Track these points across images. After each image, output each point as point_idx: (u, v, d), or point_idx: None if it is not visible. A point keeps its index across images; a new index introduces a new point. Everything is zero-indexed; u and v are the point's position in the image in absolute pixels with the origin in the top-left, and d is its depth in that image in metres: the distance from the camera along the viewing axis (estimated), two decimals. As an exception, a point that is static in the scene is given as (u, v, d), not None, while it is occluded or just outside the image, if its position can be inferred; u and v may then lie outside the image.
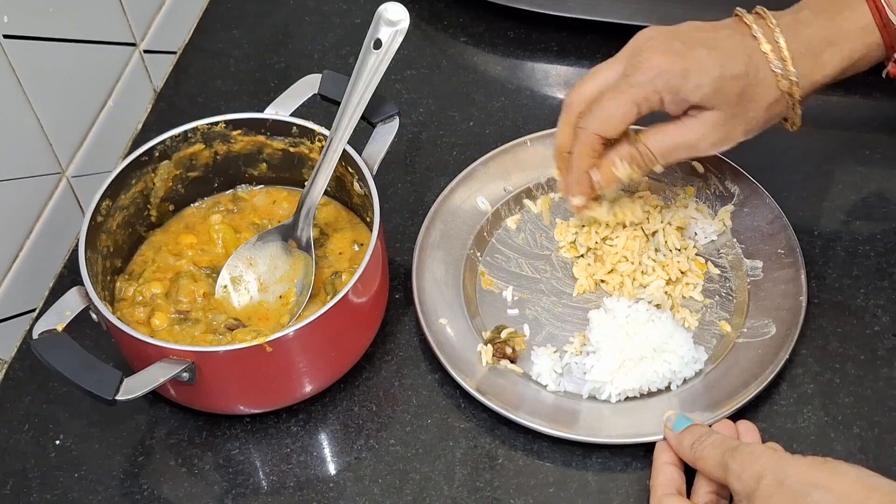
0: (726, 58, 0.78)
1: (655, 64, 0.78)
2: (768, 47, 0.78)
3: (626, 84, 0.79)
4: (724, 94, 0.78)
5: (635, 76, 0.79)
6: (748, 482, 0.68)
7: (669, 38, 0.80)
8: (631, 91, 0.79)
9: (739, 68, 0.78)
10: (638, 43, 0.81)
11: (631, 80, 0.79)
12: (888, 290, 0.87)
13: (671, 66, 0.78)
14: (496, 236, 0.93)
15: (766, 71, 0.79)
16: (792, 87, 0.79)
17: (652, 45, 0.80)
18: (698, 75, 0.78)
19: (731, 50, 0.79)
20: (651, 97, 0.79)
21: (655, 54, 0.79)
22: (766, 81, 0.79)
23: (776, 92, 0.79)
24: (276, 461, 0.82)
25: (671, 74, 0.78)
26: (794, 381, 0.83)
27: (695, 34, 0.80)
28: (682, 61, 0.78)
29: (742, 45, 0.79)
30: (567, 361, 0.84)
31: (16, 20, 0.84)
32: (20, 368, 0.88)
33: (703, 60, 0.78)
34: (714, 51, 0.78)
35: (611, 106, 0.79)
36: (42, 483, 0.81)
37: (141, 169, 0.86)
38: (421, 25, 1.09)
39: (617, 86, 0.80)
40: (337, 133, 0.83)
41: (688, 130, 0.80)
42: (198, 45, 1.10)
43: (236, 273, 0.86)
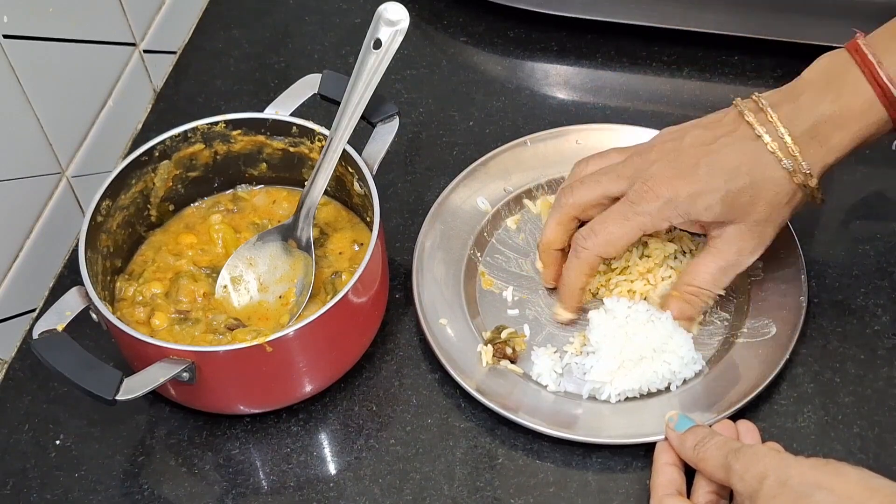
0: (729, 173, 0.78)
1: (661, 193, 0.79)
2: (775, 145, 0.77)
3: (633, 212, 0.80)
4: (735, 207, 0.78)
5: (641, 204, 0.79)
6: (751, 483, 0.68)
7: (670, 162, 0.80)
8: (637, 219, 0.80)
9: (743, 179, 0.78)
10: (640, 164, 0.81)
11: (637, 208, 0.79)
12: (888, 289, 0.87)
13: (676, 195, 0.78)
14: (496, 236, 0.93)
15: (777, 170, 0.78)
16: (806, 179, 0.78)
17: (656, 171, 0.79)
18: (705, 197, 0.78)
19: (734, 162, 0.78)
20: (659, 224, 0.80)
21: (660, 182, 0.79)
22: (777, 181, 0.78)
23: (791, 187, 0.79)
24: (276, 461, 0.82)
25: (679, 202, 0.79)
26: (794, 380, 0.83)
27: (696, 151, 0.79)
28: (687, 186, 0.78)
29: (744, 151, 0.78)
30: (567, 362, 0.84)
31: (16, 20, 0.84)
32: (20, 368, 0.88)
33: (707, 181, 0.78)
34: (715, 168, 0.78)
35: (616, 232, 0.80)
36: (42, 483, 0.81)
37: (141, 169, 0.86)
38: (421, 25, 1.09)
39: (623, 212, 0.80)
40: (337, 133, 0.83)
41: (722, 254, 0.81)
42: (198, 45, 1.10)
43: (236, 273, 0.86)
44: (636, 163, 0.81)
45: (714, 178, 0.78)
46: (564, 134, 0.97)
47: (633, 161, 0.82)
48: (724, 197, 0.78)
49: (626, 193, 0.81)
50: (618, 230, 0.80)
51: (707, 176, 0.78)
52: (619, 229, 0.80)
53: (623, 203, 0.81)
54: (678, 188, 0.79)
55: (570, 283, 0.84)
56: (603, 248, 0.81)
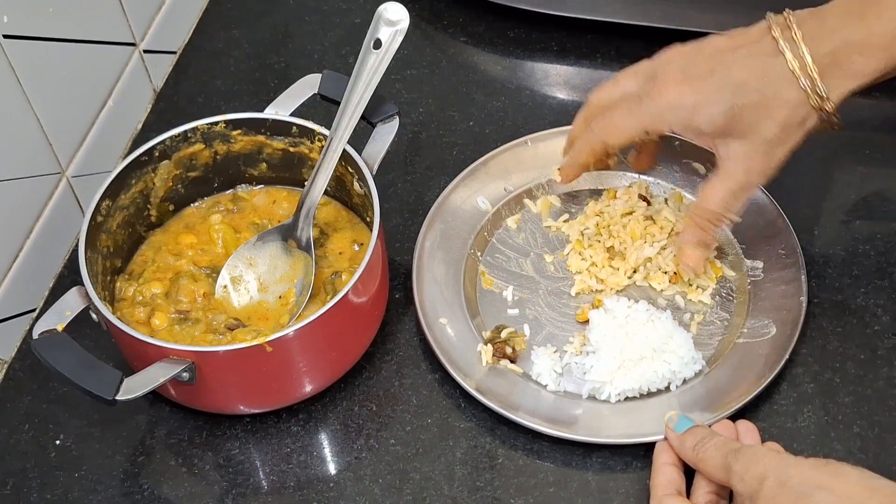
0: (738, 87, 0.76)
1: (666, 96, 0.78)
2: (795, 64, 0.75)
3: (639, 108, 0.80)
4: (740, 123, 0.77)
5: (648, 104, 0.79)
6: (751, 483, 0.68)
7: (686, 64, 0.79)
8: (641, 116, 0.80)
9: (752, 96, 0.76)
10: (658, 63, 0.81)
11: (642, 105, 0.79)
12: (888, 289, 0.87)
13: (680, 101, 0.78)
14: (496, 236, 0.93)
15: (792, 90, 0.76)
16: (823, 102, 0.76)
17: (669, 71, 0.79)
18: (708, 108, 0.77)
19: (746, 76, 0.77)
20: (660, 126, 0.80)
21: (668, 84, 0.78)
22: (791, 101, 0.76)
23: (805, 109, 0.76)
24: (276, 461, 0.82)
25: (681, 108, 0.78)
26: (794, 380, 0.83)
27: (713, 58, 0.78)
28: (693, 94, 0.78)
29: (760, 66, 0.76)
30: (567, 361, 0.84)
31: (16, 20, 0.84)
32: (20, 368, 0.88)
33: (713, 93, 0.77)
34: (725, 80, 0.77)
35: (619, 121, 0.81)
36: (42, 483, 0.81)
37: (141, 169, 0.86)
38: (421, 25, 1.09)
39: (630, 106, 0.80)
40: (337, 133, 0.83)
41: (731, 175, 0.79)
42: (198, 45, 1.10)
43: (236, 273, 0.86)
44: (654, 61, 0.81)
45: (722, 89, 0.77)
46: (564, 134, 0.96)
47: (653, 60, 0.81)
48: (729, 110, 0.77)
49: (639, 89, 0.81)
50: (620, 121, 0.81)
51: (716, 86, 0.77)
52: (622, 121, 0.81)
53: (632, 97, 0.81)
54: (684, 94, 0.78)
55: (574, 155, 0.87)
56: (606, 134, 0.82)
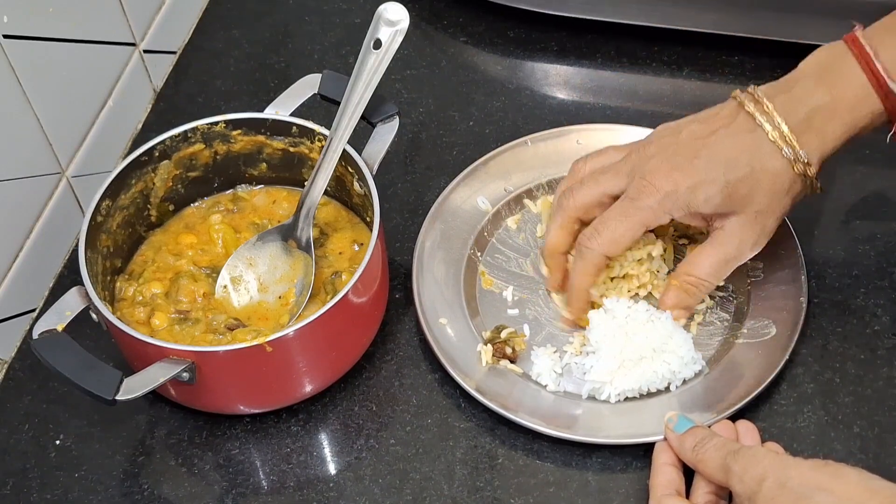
0: (728, 164, 0.78)
1: (660, 187, 0.79)
2: (775, 134, 0.78)
3: (634, 207, 0.80)
4: (736, 198, 0.78)
5: (641, 199, 0.79)
6: (750, 484, 0.68)
7: (668, 155, 0.80)
8: (639, 214, 0.80)
9: (743, 170, 0.78)
10: (637, 159, 0.81)
11: (638, 203, 0.79)
12: (888, 289, 0.87)
13: (676, 186, 0.79)
14: (497, 236, 0.93)
15: (776, 160, 0.78)
16: (805, 168, 0.78)
17: (654, 165, 0.80)
18: (704, 188, 0.78)
19: (732, 153, 0.78)
20: (661, 218, 0.80)
21: (659, 176, 0.79)
22: (776, 170, 0.78)
23: (790, 176, 0.79)
24: (276, 461, 0.82)
25: (678, 194, 0.79)
26: (794, 380, 0.83)
27: (693, 144, 0.79)
28: (686, 178, 0.78)
29: (742, 142, 0.78)
30: (567, 362, 0.84)
31: (16, 20, 0.84)
32: (20, 368, 0.88)
33: (706, 173, 0.78)
34: (714, 160, 0.78)
35: (619, 229, 0.80)
36: (42, 483, 0.81)
37: (141, 169, 0.86)
38: (421, 25, 1.09)
39: (624, 209, 0.80)
40: (337, 133, 0.83)
41: (724, 246, 0.81)
42: (198, 45, 1.10)
43: (236, 273, 0.86)
44: (634, 159, 0.82)
45: (713, 169, 0.78)
46: (565, 134, 0.97)
47: (631, 158, 0.82)
48: (724, 188, 0.78)
49: (625, 190, 0.81)
50: (620, 227, 0.80)
51: (706, 167, 0.78)
52: (622, 226, 0.80)
53: (623, 200, 0.81)
54: (677, 181, 0.79)
55: (577, 285, 0.84)
56: (607, 246, 0.81)
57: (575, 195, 0.83)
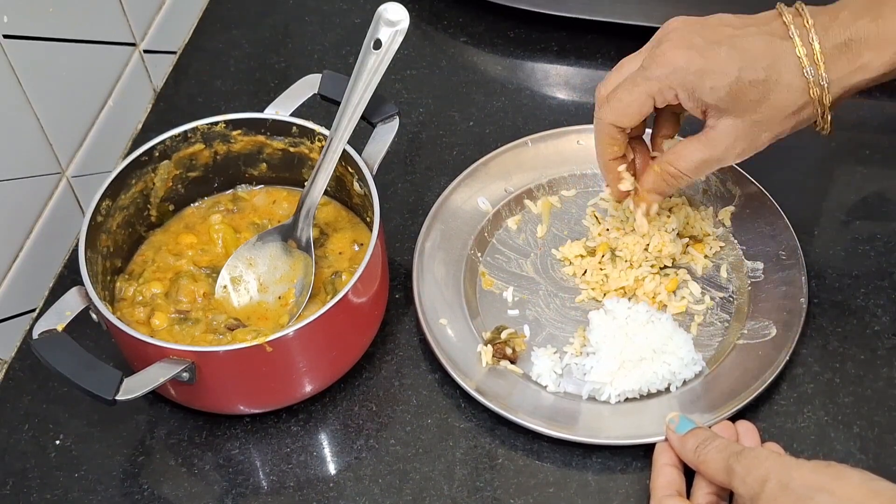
0: (746, 61, 0.76)
1: (672, 59, 0.77)
2: (803, 50, 0.75)
3: (642, 76, 0.78)
4: (741, 98, 0.76)
5: (651, 69, 0.78)
6: (752, 486, 0.68)
7: (691, 32, 0.78)
8: (646, 84, 0.78)
9: (759, 74, 0.75)
10: (662, 33, 0.79)
11: (647, 72, 0.78)
12: (888, 289, 0.87)
13: (687, 64, 0.76)
14: (497, 237, 0.93)
15: (795, 76, 0.76)
16: (823, 93, 0.76)
17: (672, 38, 0.78)
18: (714, 77, 0.76)
19: (755, 52, 0.76)
20: (666, 92, 0.78)
21: (674, 48, 0.77)
22: (792, 87, 0.76)
23: (804, 98, 0.76)
24: (276, 461, 0.82)
25: (686, 72, 0.76)
26: (794, 381, 0.83)
27: (720, 30, 0.77)
28: (700, 60, 0.76)
29: (769, 47, 0.76)
30: (567, 362, 0.84)
31: (16, 20, 0.84)
32: (20, 368, 0.88)
33: (722, 61, 0.76)
34: (735, 51, 0.76)
35: (626, 97, 0.79)
36: (42, 483, 0.81)
37: (141, 169, 0.86)
38: (421, 25, 1.09)
39: (633, 77, 0.79)
40: (337, 133, 0.83)
41: (711, 144, 0.79)
42: (198, 45, 1.10)
43: (236, 273, 0.86)
44: (658, 34, 0.80)
45: (730, 61, 0.76)
46: (565, 134, 0.97)
47: (653, 37, 0.80)
48: (733, 83, 0.76)
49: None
50: (626, 96, 0.79)
51: (724, 56, 0.76)
52: (629, 95, 0.79)
53: (636, 70, 0.79)
54: (691, 59, 0.76)
55: (599, 157, 0.84)
56: (615, 115, 0.80)
57: (604, 81, 0.82)
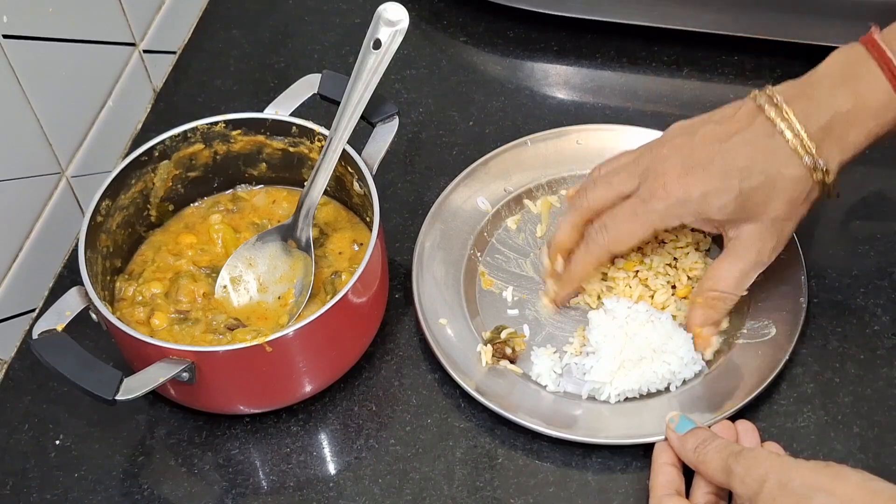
0: (743, 172, 0.76)
1: (672, 192, 0.77)
2: (796, 142, 0.76)
3: (644, 209, 0.79)
4: (750, 206, 0.77)
5: (653, 203, 0.78)
6: (751, 486, 0.68)
7: (683, 158, 0.78)
8: (649, 217, 0.79)
9: (758, 178, 0.76)
10: (651, 159, 0.80)
11: (648, 206, 0.78)
12: (888, 289, 0.87)
13: (688, 194, 0.77)
14: (496, 237, 0.93)
15: (796, 167, 0.76)
16: (825, 176, 0.77)
17: (667, 167, 0.78)
18: (718, 197, 0.77)
19: (749, 160, 0.76)
20: (671, 223, 0.79)
21: (671, 180, 0.78)
22: (796, 178, 0.77)
23: (809, 183, 0.77)
24: (276, 461, 0.82)
25: (690, 202, 0.77)
26: (794, 380, 0.83)
27: (709, 148, 0.78)
28: (699, 185, 0.77)
29: (760, 150, 0.77)
30: (567, 362, 0.84)
31: (16, 20, 0.84)
32: (20, 368, 0.88)
33: (720, 181, 0.77)
34: (729, 166, 0.77)
35: (626, 227, 0.80)
36: (42, 483, 0.81)
37: (141, 169, 0.86)
38: (420, 25, 1.09)
39: (634, 209, 0.79)
40: (336, 133, 0.83)
41: (743, 256, 0.79)
42: (198, 45, 1.10)
43: (236, 273, 0.86)
44: (647, 160, 0.80)
45: (728, 176, 0.77)
46: (565, 134, 0.96)
47: (644, 158, 0.81)
48: (738, 196, 0.77)
49: (637, 190, 0.80)
50: (628, 227, 0.80)
51: (721, 174, 0.77)
52: (630, 226, 0.80)
53: (634, 200, 0.79)
54: (690, 187, 0.77)
55: (575, 273, 0.84)
56: (613, 244, 0.81)
57: (588, 195, 0.82)
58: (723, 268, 0.80)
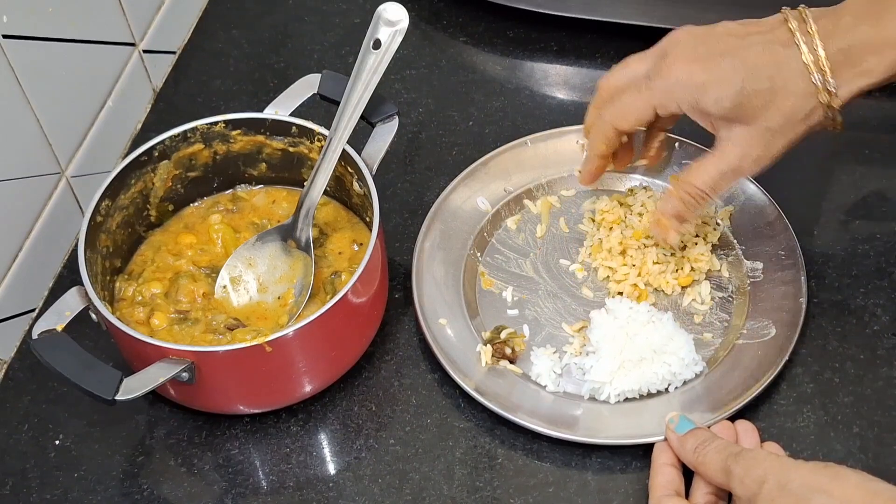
0: (750, 71, 0.76)
1: (675, 72, 0.78)
2: (810, 57, 0.75)
3: (647, 87, 0.79)
4: (747, 108, 0.76)
5: (655, 80, 0.79)
6: (751, 486, 0.68)
7: (696, 44, 0.78)
8: (649, 94, 0.79)
9: (763, 83, 0.76)
10: (668, 43, 0.80)
11: (651, 83, 0.79)
12: (888, 289, 0.87)
13: (690, 78, 0.77)
14: (496, 237, 0.93)
15: (803, 82, 0.76)
16: (831, 98, 0.76)
17: (677, 52, 0.78)
18: (717, 89, 0.76)
19: (759, 62, 0.76)
20: (668, 104, 0.79)
21: (678, 62, 0.78)
22: (800, 93, 0.76)
23: (813, 102, 0.76)
24: (275, 461, 0.82)
25: (689, 87, 0.77)
26: (794, 380, 0.83)
27: (724, 40, 0.78)
28: (703, 73, 0.77)
29: (773, 55, 0.76)
30: (566, 362, 0.84)
31: (16, 20, 0.84)
32: (20, 368, 0.88)
33: (725, 74, 0.76)
34: (738, 62, 0.76)
35: (629, 102, 0.80)
36: (42, 483, 0.81)
37: (140, 169, 0.86)
38: (420, 25, 1.09)
39: (638, 85, 0.80)
40: (336, 133, 0.83)
41: (725, 156, 0.79)
42: (197, 45, 1.10)
43: (236, 273, 0.86)
44: (664, 42, 0.81)
45: (734, 71, 0.76)
46: (564, 134, 0.97)
47: (661, 42, 0.81)
48: (738, 93, 0.76)
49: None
50: (630, 102, 0.80)
51: (727, 67, 0.76)
52: (632, 101, 0.80)
53: (641, 77, 0.80)
54: (693, 72, 0.77)
55: (590, 148, 0.86)
56: (616, 118, 0.82)
57: (608, 76, 0.84)
58: (703, 165, 0.80)
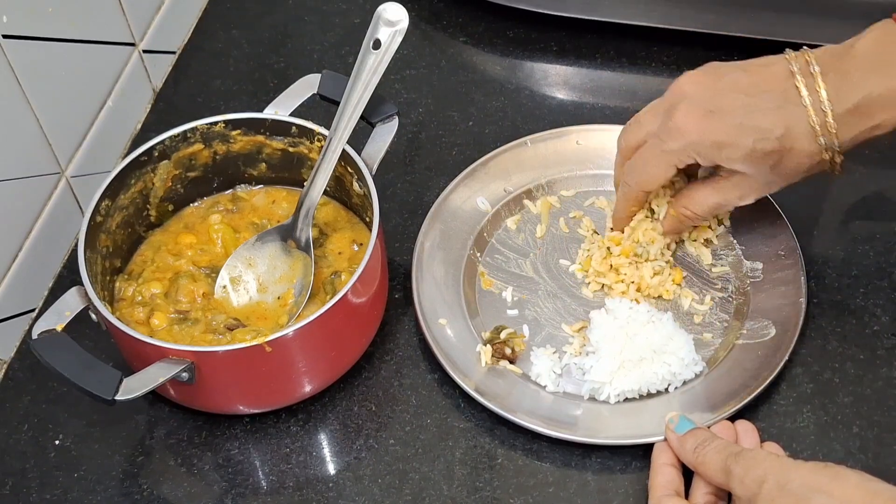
0: (762, 132, 0.77)
1: (687, 132, 0.78)
2: (816, 120, 0.76)
3: (660, 150, 0.81)
4: (757, 164, 0.78)
5: (668, 143, 0.80)
6: (750, 486, 0.68)
7: (705, 101, 0.79)
8: (665, 156, 0.81)
9: (772, 144, 0.77)
10: (674, 97, 0.81)
11: (664, 146, 0.80)
12: (888, 289, 0.87)
13: (702, 138, 0.78)
14: (496, 237, 0.93)
15: (810, 143, 0.77)
16: (835, 155, 0.77)
17: (686, 109, 0.79)
18: (729, 150, 0.78)
19: (767, 124, 0.77)
20: (685, 160, 0.80)
21: (689, 120, 0.78)
22: (807, 153, 0.77)
23: (818, 158, 0.78)
24: (275, 461, 0.82)
25: (702, 146, 0.78)
26: (794, 380, 0.83)
27: (732, 98, 0.78)
28: (714, 133, 0.78)
29: (782, 118, 0.77)
30: (566, 362, 0.84)
31: (16, 20, 0.84)
32: (20, 368, 0.88)
33: (737, 135, 0.77)
34: (748, 123, 0.77)
35: (651, 168, 0.82)
36: (41, 483, 0.81)
37: (140, 169, 0.86)
38: (420, 25, 1.09)
39: (653, 150, 0.81)
40: (336, 133, 0.83)
41: (724, 192, 0.82)
42: (197, 45, 1.10)
43: (235, 273, 0.86)
44: (670, 97, 0.82)
45: (744, 133, 0.77)
46: (564, 134, 0.97)
47: (669, 94, 0.82)
48: (749, 154, 0.77)
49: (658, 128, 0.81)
50: (650, 167, 0.82)
51: (737, 129, 0.77)
52: (652, 166, 0.82)
53: (654, 139, 0.81)
54: (704, 133, 0.78)
55: (618, 211, 0.88)
56: (642, 184, 0.84)
57: (624, 136, 0.85)
58: (703, 194, 0.83)
